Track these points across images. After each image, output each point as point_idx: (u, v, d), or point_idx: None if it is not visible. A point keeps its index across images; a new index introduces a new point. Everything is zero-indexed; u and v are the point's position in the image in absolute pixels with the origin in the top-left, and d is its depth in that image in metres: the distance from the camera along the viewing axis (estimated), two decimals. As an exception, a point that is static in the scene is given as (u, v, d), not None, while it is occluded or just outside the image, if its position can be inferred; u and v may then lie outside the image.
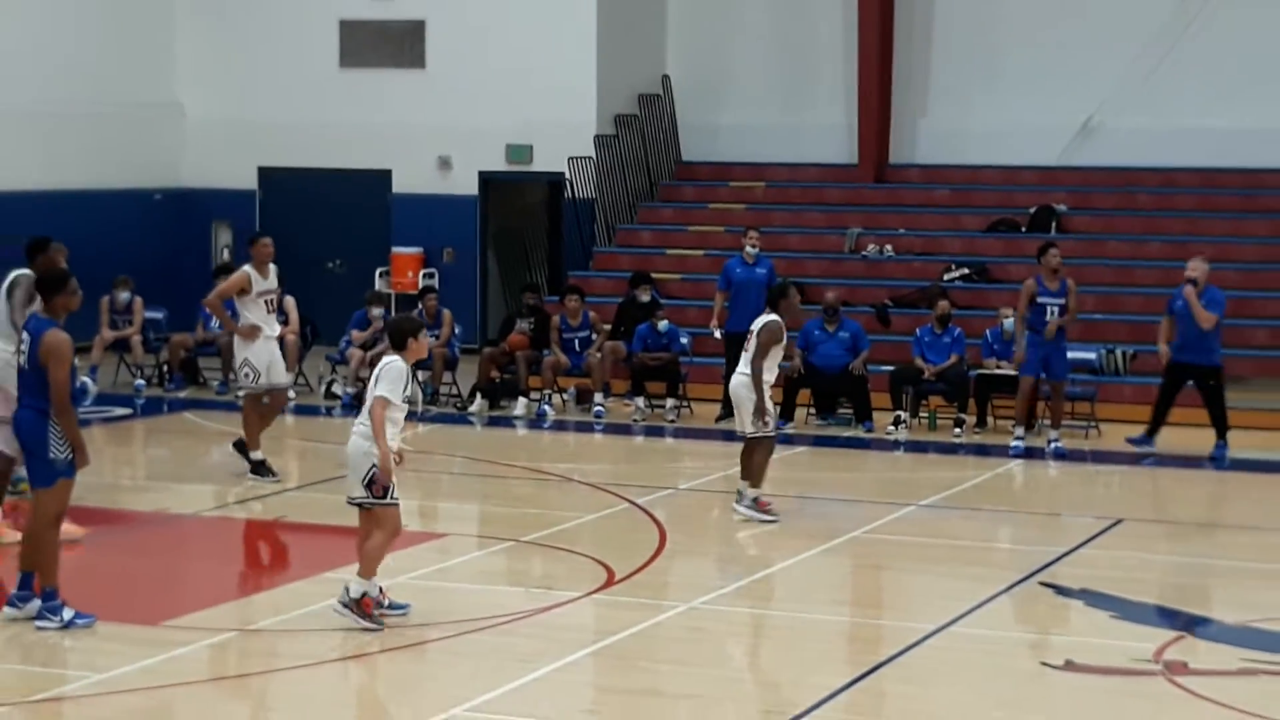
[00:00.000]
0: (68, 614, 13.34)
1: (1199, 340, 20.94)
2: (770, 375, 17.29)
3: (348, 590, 13.19)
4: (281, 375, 19.29)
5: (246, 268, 19.25)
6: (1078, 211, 27.47)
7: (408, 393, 13.36)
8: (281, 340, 19.69)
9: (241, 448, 19.02)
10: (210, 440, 22.06)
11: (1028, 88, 28.40)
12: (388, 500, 13.24)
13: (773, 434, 17.23)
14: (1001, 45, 28.74)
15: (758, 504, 17.19)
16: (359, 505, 13.39)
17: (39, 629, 13.16)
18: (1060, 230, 26.88)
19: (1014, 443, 21.13)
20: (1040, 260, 21.16)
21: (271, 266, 19.33)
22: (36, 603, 13.44)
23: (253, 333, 18.81)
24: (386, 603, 13.36)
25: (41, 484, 13.51)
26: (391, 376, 13.18)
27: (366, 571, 13.24)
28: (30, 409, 13.40)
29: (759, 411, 16.89)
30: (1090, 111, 28.09)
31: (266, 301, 19.09)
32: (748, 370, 17.02)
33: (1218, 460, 20.80)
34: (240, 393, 19.48)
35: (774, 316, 17.22)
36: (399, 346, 13.43)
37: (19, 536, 16.05)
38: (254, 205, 30.50)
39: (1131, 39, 27.79)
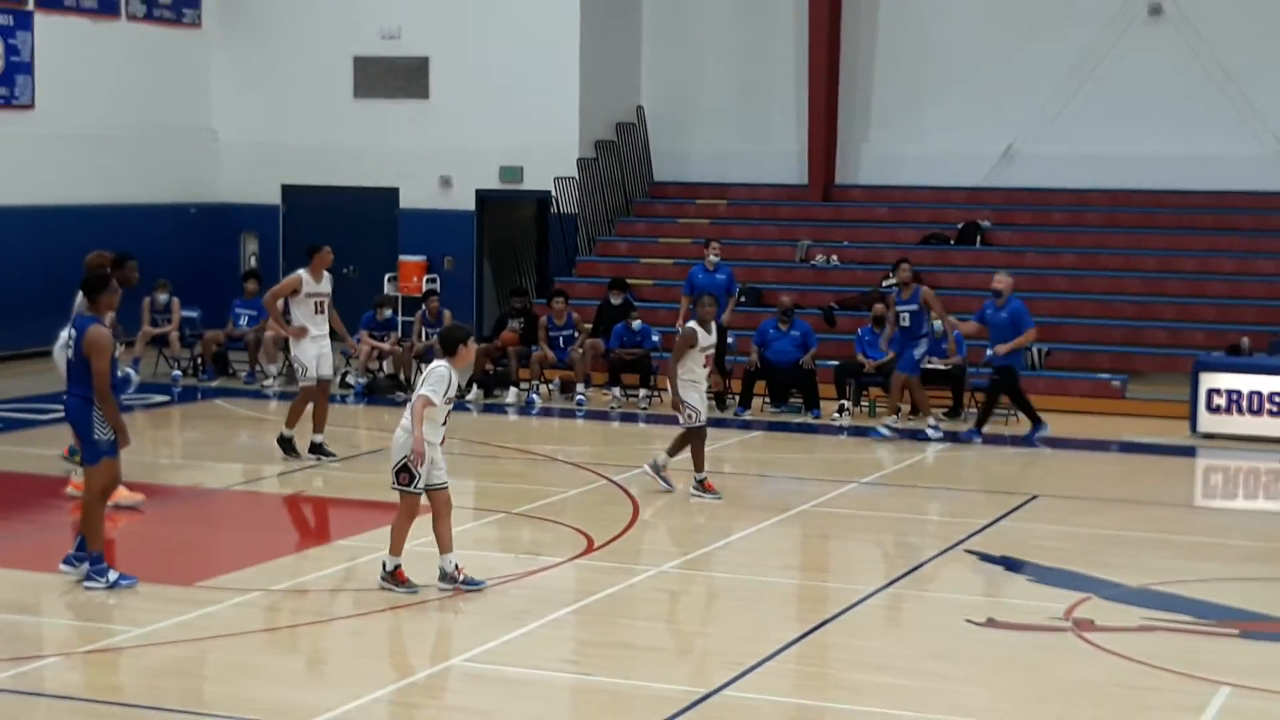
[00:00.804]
0: (113, 575, 13.40)
1: (1000, 342, 21.04)
2: (696, 373, 17.30)
3: (384, 565, 13.23)
4: (327, 369, 19.17)
5: (301, 271, 19.25)
6: (1000, 227, 27.56)
7: (450, 394, 13.22)
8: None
9: (288, 446, 19.02)
10: (238, 424, 22.06)
11: (956, 118, 28.48)
12: (411, 489, 13.15)
13: (700, 424, 17.18)
14: (933, 81, 28.78)
15: (705, 485, 17.27)
16: (398, 490, 13.33)
17: (87, 589, 13.18)
18: (984, 243, 27.00)
19: (881, 428, 21.33)
20: (893, 272, 20.92)
21: (326, 274, 19.35)
22: (86, 565, 13.47)
23: (300, 333, 18.83)
24: (462, 578, 13.26)
25: (89, 462, 13.56)
26: (434, 379, 13.08)
27: (395, 547, 13.26)
28: (77, 396, 13.44)
29: (676, 407, 17.14)
30: (1011, 139, 28.13)
31: (316, 303, 19.04)
32: (679, 371, 17.14)
33: (1031, 440, 21.03)
34: (299, 384, 19.35)
35: (690, 324, 17.39)
36: (449, 352, 13.33)
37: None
38: (278, 218, 30.47)
39: (1047, 76, 27.85)
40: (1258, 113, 26.90)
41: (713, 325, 17.94)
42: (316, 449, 19.07)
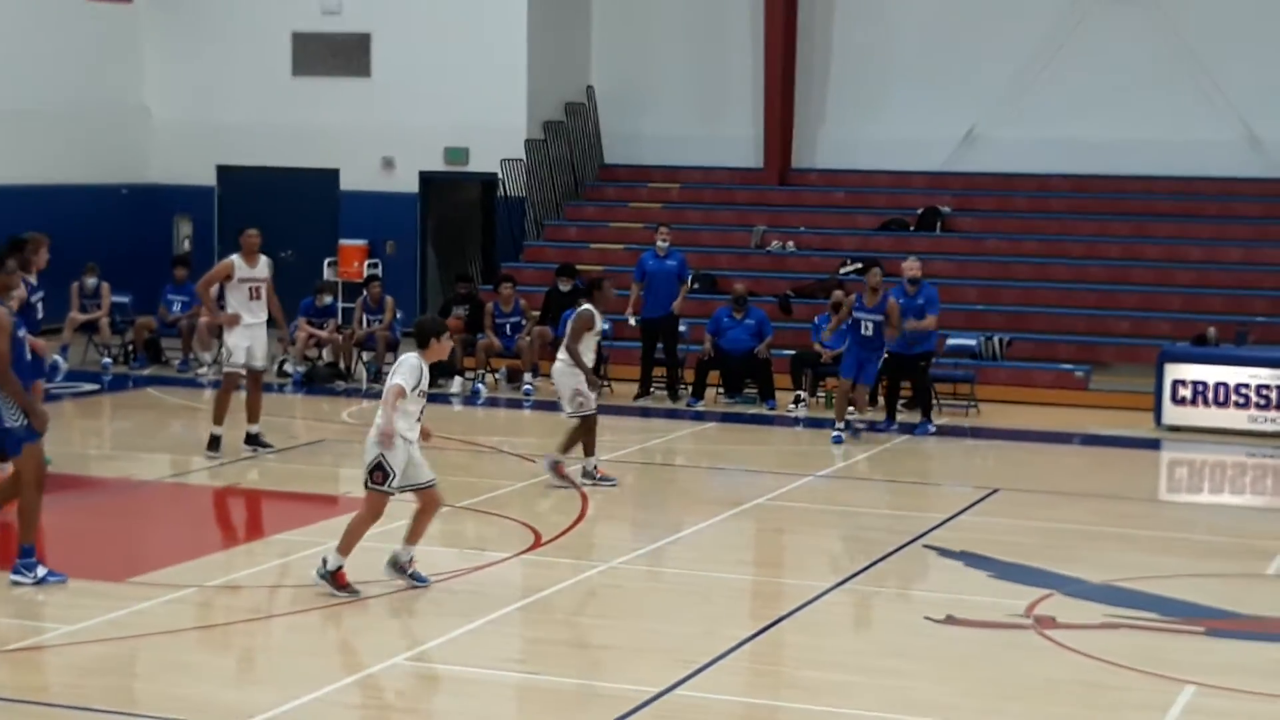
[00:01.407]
0: (41, 571, 13.31)
1: (912, 332, 21.23)
2: (589, 358, 17.40)
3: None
4: (259, 359, 18.97)
5: (233, 256, 19.11)
6: (961, 213, 27.66)
7: (422, 386, 13.14)
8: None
9: (215, 444, 18.82)
10: (171, 414, 21.99)
11: (916, 101, 28.56)
12: (384, 488, 13.01)
13: (591, 412, 17.26)
14: (892, 63, 28.87)
15: (596, 471, 17.38)
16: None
17: (14, 584, 13.10)
18: (945, 229, 27.08)
19: (834, 434, 20.56)
20: (864, 278, 20.70)
21: (262, 258, 19.20)
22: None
23: (232, 320, 18.71)
24: (410, 571, 13.21)
25: (13, 452, 13.45)
26: (405, 370, 13.01)
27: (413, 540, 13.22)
28: None
29: (574, 394, 17.13)
30: (972, 123, 28.23)
31: (250, 289, 18.86)
32: (565, 355, 17.23)
33: (920, 432, 21.18)
34: (222, 370, 19.29)
35: (587, 306, 17.42)
36: (422, 345, 13.27)
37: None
38: (213, 200, 30.39)
39: (1008, 59, 27.99)
40: (1225, 97, 27.04)
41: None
42: (252, 440, 19.00)
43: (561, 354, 17.23)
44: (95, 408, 22.69)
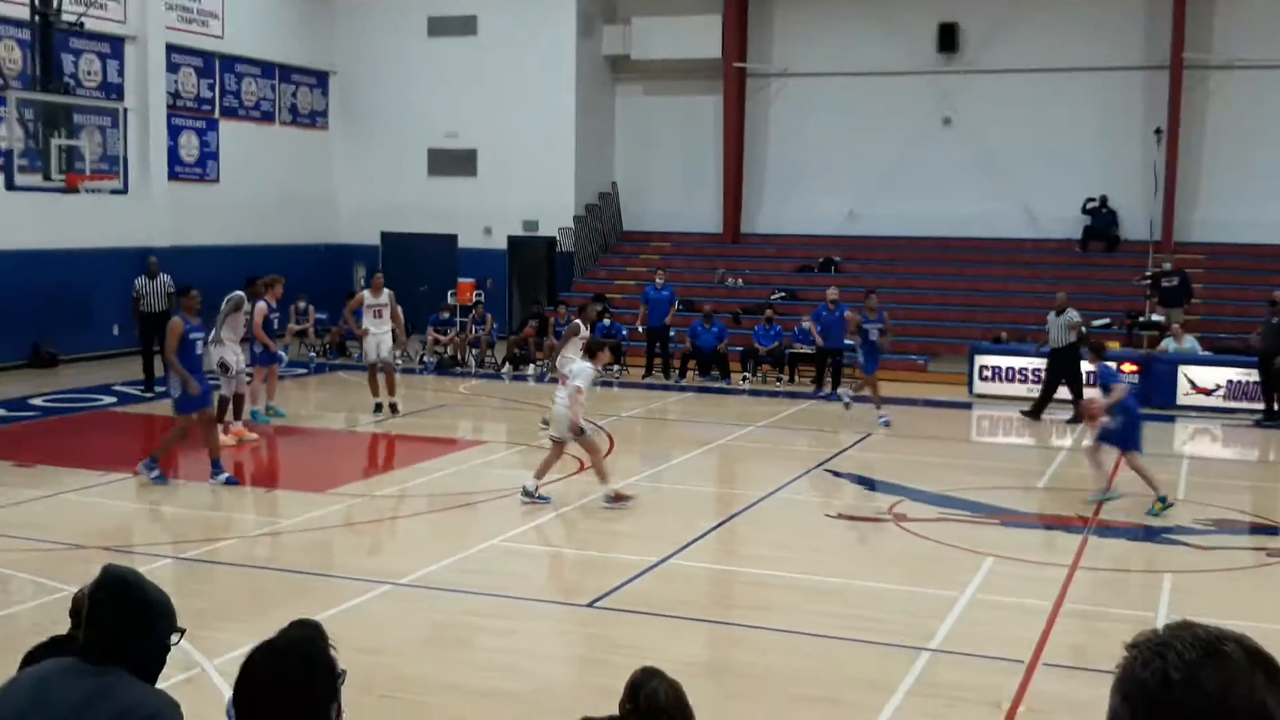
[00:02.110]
0: (223, 476, 13.56)
1: (835, 335, 21.31)
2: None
3: (606, 495, 12.94)
4: (384, 353, 18.65)
5: (364, 290, 19.00)
6: (847, 261, 27.58)
7: (595, 384, 13.18)
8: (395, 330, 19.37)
9: (378, 408, 18.56)
10: (352, 389, 21.93)
11: (818, 189, 28.43)
12: (585, 436, 12.98)
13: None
14: (804, 165, 28.73)
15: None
16: (556, 440, 13.16)
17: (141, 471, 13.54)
18: (837, 271, 26.99)
19: (881, 418, 18.69)
20: (865, 300, 19.64)
21: (385, 290, 18.96)
22: (223, 475, 13.55)
23: (364, 333, 18.61)
24: (536, 491, 12.90)
25: (181, 411, 13.60)
26: (585, 377, 13.01)
27: (603, 477, 12.93)
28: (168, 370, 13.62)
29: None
30: (852, 204, 28.19)
31: (375, 310, 18.69)
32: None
33: (843, 401, 20.24)
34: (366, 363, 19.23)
35: (576, 320, 16.43)
36: (591, 355, 13.44)
37: (253, 437, 16.21)
38: (378, 255, 30.36)
39: (877, 161, 27.82)
40: (1011, 186, 27.00)
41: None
42: (392, 408, 18.69)
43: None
44: (305, 384, 22.71)
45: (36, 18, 19.91)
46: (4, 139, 19.81)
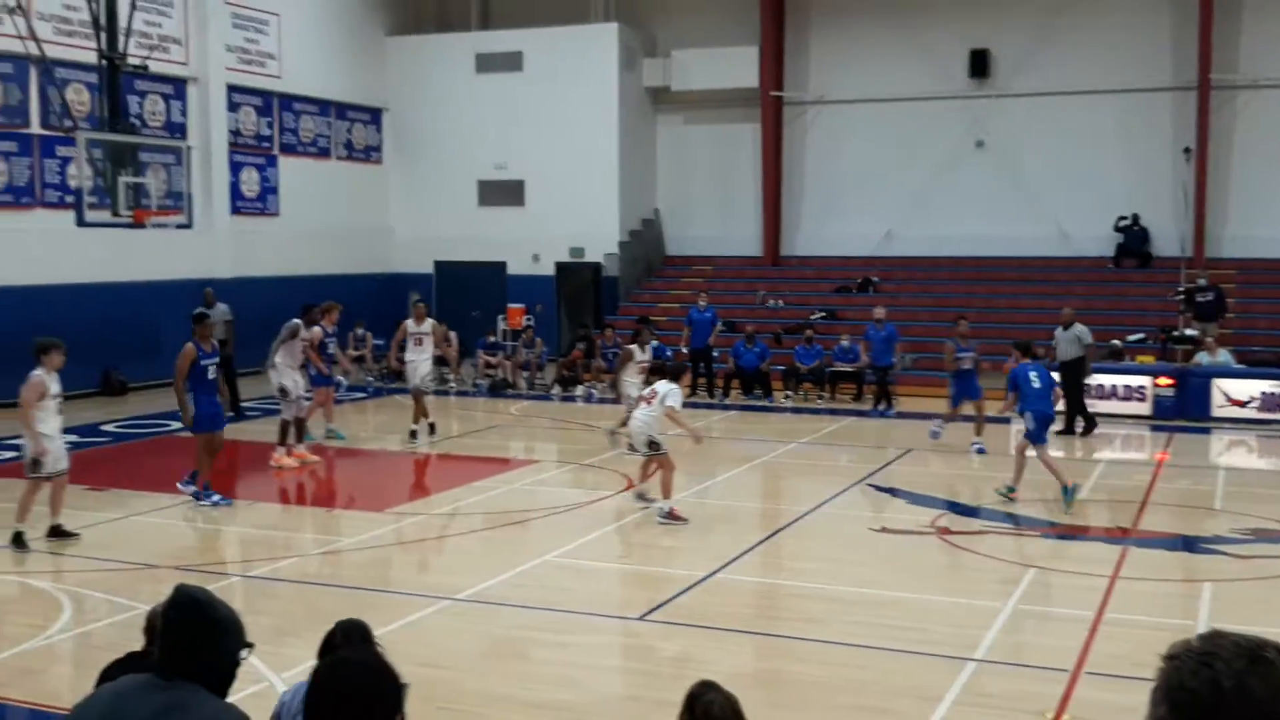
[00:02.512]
0: (216, 497, 13.56)
1: (882, 353, 21.55)
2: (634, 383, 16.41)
3: (647, 500, 13.29)
4: (417, 380, 18.41)
5: (407, 321, 18.79)
6: (884, 280, 27.45)
7: (680, 405, 13.44)
8: (440, 358, 19.15)
9: (412, 435, 18.38)
10: (410, 412, 22.04)
11: (856, 211, 28.41)
12: (660, 451, 13.17)
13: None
14: (841, 185, 28.71)
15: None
16: (643, 455, 13.51)
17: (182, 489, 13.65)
18: (875, 291, 26.85)
19: (935, 428, 18.23)
20: (955, 326, 18.79)
21: (428, 320, 18.78)
22: (191, 488, 13.68)
23: (402, 363, 18.53)
24: (644, 495, 13.26)
25: (196, 430, 13.59)
26: (674, 397, 13.29)
27: (666, 493, 13.07)
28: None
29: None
30: (890, 226, 28.10)
31: (415, 339, 18.57)
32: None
33: (885, 414, 21.10)
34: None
35: (630, 346, 15.75)
36: (675, 379, 13.84)
37: (315, 459, 16.22)
38: (432, 283, 30.51)
39: (913, 184, 27.79)
40: (1043, 205, 26.83)
41: (649, 347, 17.47)
42: (430, 428, 18.56)
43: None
44: (363, 408, 22.82)
45: (104, 61, 20.16)
46: (74, 177, 20.07)
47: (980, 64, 27.27)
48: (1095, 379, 20.84)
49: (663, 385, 13.49)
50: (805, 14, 28.88)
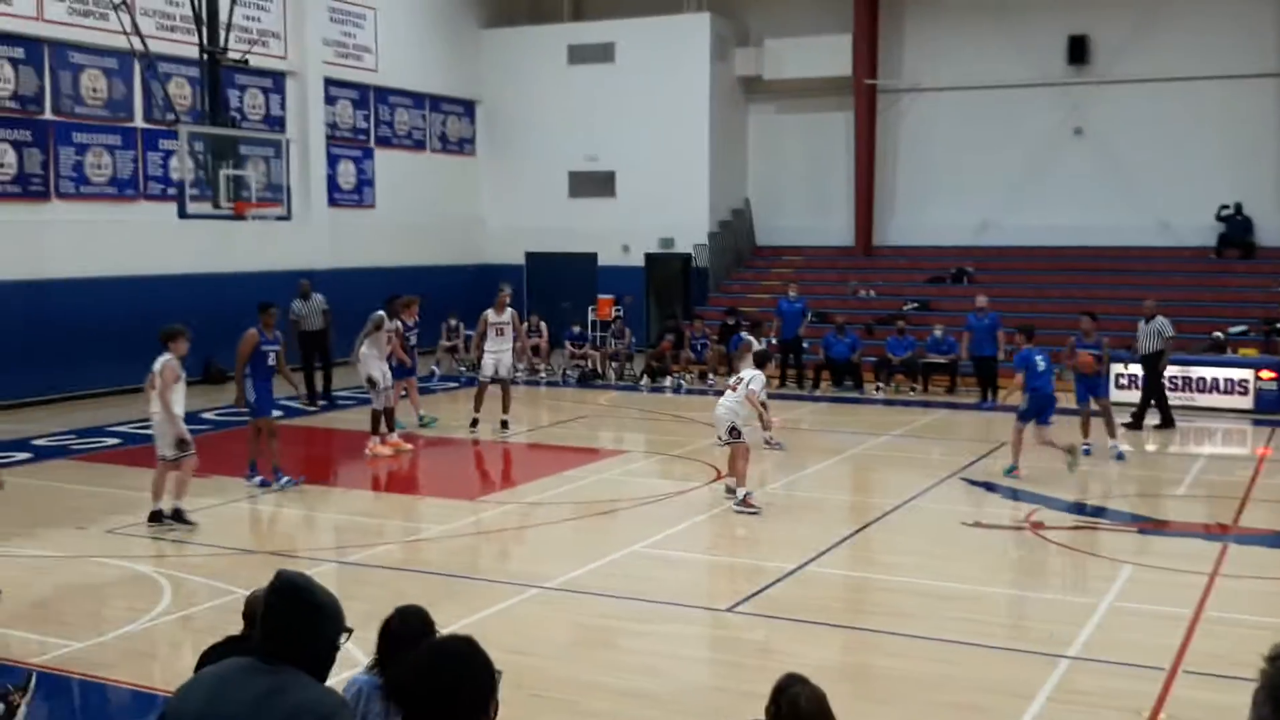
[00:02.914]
0: (257, 479, 14.06)
1: (984, 343, 21.27)
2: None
3: (734, 493, 13.23)
4: (503, 371, 18.35)
5: (488, 310, 18.56)
6: (980, 271, 27.11)
7: (765, 392, 13.73)
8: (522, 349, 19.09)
9: (474, 424, 18.39)
10: (497, 400, 22.24)
11: (950, 200, 28.18)
12: (740, 440, 13.28)
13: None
14: (935, 176, 28.47)
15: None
16: (724, 444, 13.54)
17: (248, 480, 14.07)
18: (970, 282, 26.54)
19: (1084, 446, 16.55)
20: (1080, 324, 18.00)
21: (508, 309, 18.56)
22: (257, 478, 14.09)
23: (483, 353, 18.40)
24: (745, 497, 13.16)
25: (257, 415, 14.02)
26: (759, 383, 13.50)
27: (741, 481, 13.19)
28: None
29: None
30: (985, 215, 27.76)
31: (496, 329, 18.34)
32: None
33: (989, 407, 20.71)
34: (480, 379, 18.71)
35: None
36: (760, 366, 13.84)
37: (408, 448, 16.40)
38: (523, 273, 30.76)
39: (1009, 171, 27.51)
40: (1144, 194, 26.32)
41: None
42: (503, 425, 18.42)
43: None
44: (455, 397, 22.99)
45: (205, 56, 20.63)
46: (176, 170, 20.56)
47: (1079, 50, 26.80)
48: (1197, 371, 20.42)
49: (747, 371, 13.56)
50: (899, 1, 28.59)
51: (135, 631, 9.08)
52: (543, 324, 25.06)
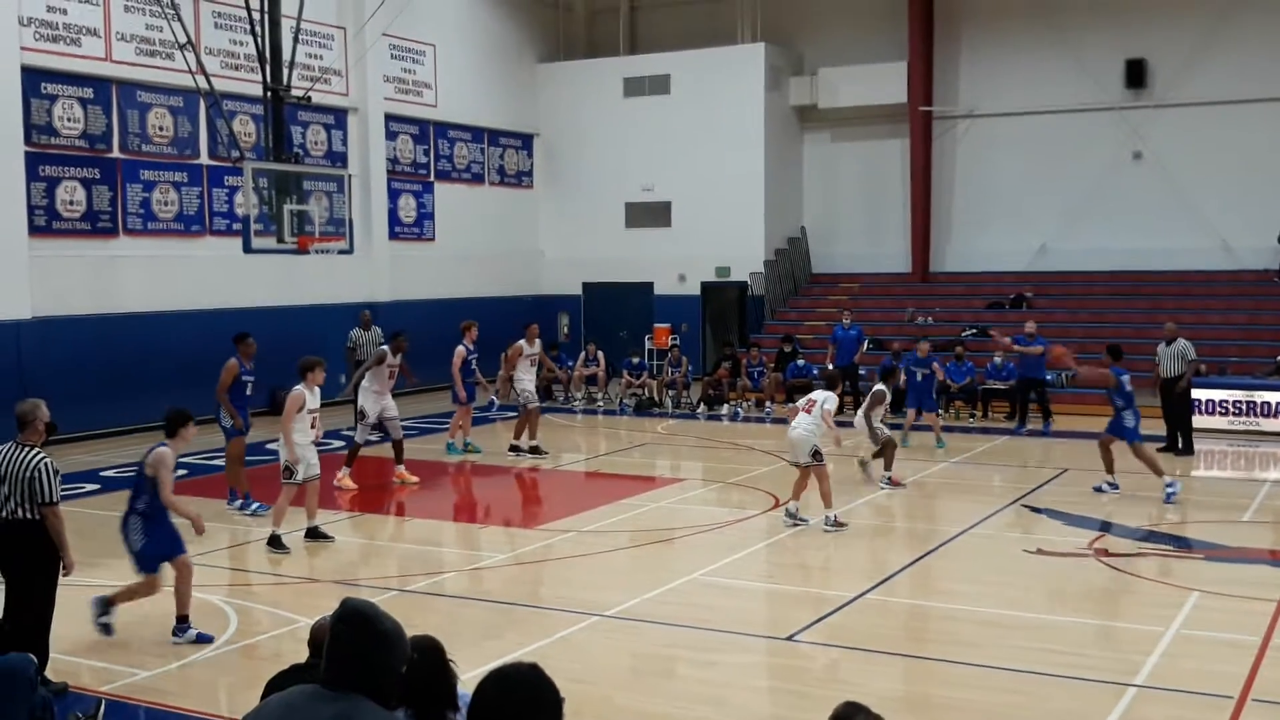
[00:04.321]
0: (239, 504, 14.42)
1: (1034, 366, 21.20)
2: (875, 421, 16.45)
3: (794, 517, 13.60)
4: (532, 399, 18.64)
5: (520, 341, 18.70)
6: (1038, 296, 26.90)
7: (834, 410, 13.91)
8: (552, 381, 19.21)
9: (515, 449, 18.57)
10: (558, 430, 22.24)
11: (1008, 226, 28.07)
12: (821, 462, 13.62)
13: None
14: (993, 202, 28.36)
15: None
16: (801, 466, 13.77)
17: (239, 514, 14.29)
18: (1028, 307, 26.30)
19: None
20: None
21: (537, 340, 19.09)
22: (237, 503, 14.47)
23: (514, 379, 18.63)
24: (796, 512, 13.66)
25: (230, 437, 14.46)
26: (831, 402, 13.86)
27: (828, 502, 13.54)
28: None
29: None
30: (1044, 240, 27.57)
31: (529, 359, 18.74)
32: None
33: (1045, 432, 20.84)
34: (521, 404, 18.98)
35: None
36: (831, 388, 14.24)
37: (414, 480, 16.41)
38: (580, 304, 30.90)
39: (1066, 200, 27.36)
40: (1206, 221, 25.98)
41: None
42: (534, 450, 18.63)
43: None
44: (513, 426, 23.16)
45: (268, 94, 20.99)
46: (241, 206, 20.90)
47: (1136, 74, 26.60)
48: (1261, 395, 20.11)
49: (819, 393, 13.86)
50: (955, 27, 28.52)
51: (201, 660, 9.17)
52: (600, 353, 25.14)
